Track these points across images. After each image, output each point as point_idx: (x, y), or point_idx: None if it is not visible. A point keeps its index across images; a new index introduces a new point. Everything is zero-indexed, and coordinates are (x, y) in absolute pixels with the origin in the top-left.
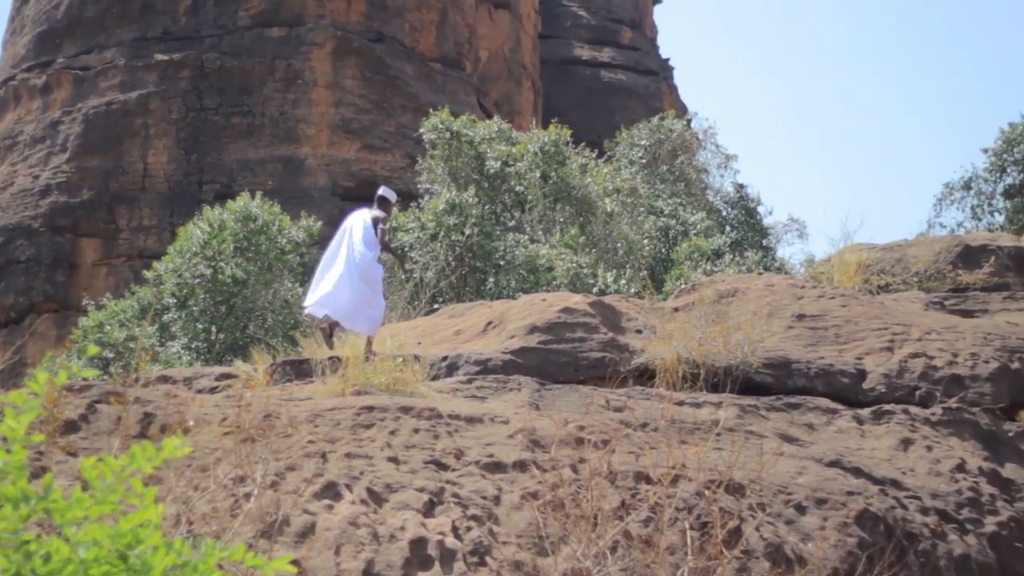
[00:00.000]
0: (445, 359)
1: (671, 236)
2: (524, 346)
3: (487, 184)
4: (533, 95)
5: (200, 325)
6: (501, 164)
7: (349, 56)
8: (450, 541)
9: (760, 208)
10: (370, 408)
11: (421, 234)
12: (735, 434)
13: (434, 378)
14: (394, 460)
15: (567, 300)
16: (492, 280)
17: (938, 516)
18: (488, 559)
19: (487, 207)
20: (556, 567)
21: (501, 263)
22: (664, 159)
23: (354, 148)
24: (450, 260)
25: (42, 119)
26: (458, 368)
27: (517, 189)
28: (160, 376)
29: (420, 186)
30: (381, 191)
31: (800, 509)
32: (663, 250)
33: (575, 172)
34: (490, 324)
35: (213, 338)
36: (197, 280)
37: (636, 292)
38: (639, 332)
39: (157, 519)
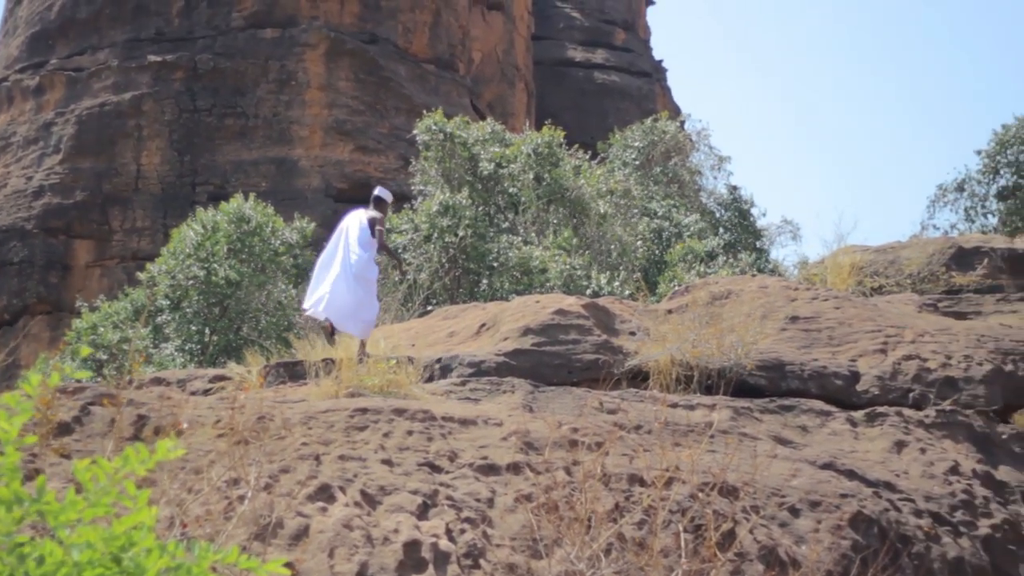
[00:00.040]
0: (439, 361)
1: (664, 238)
2: (518, 348)
3: (480, 186)
4: (526, 96)
5: (194, 327)
6: (494, 166)
7: (342, 57)
8: (444, 544)
9: (754, 210)
10: (364, 410)
11: (414, 236)
12: (729, 436)
13: (428, 380)
14: (388, 462)
15: (561, 302)
16: (486, 282)
17: (932, 518)
18: (482, 562)
19: (480, 209)
20: (550, 570)
21: (495, 265)
22: (657, 161)
23: (347, 149)
24: (443, 262)
25: (35, 120)
26: (452, 370)
27: (510, 191)
28: (154, 378)
29: (413, 188)
30: (377, 191)
31: (794, 511)
32: (657, 252)
33: (568, 174)
34: (484, 326)
35: (207, 340)
36: (191, 282)
37: (630, 294)
38: (633, 334)
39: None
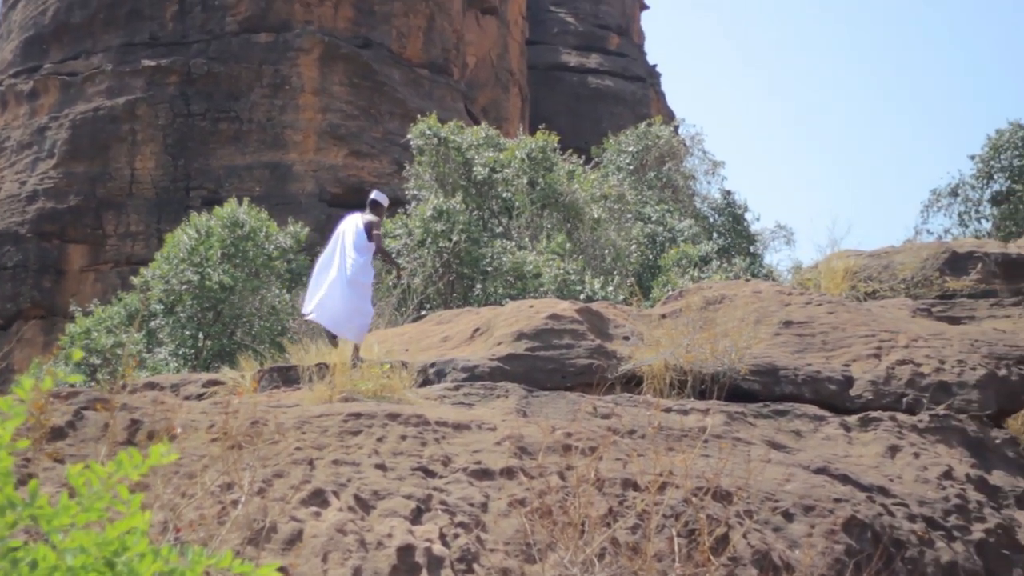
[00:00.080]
0: (432, 366)
1: (658, 242)
2: (511, 353)
3: (474, 190)
4: (520, 101)
5: (187, 331)
6: (488, 170)
7: (336, 62)
8: (437, 548)
9: (747, 214)
10: (357, 415)
11: (408, 240)
12: (722, 441)
13: (421, 385)
14: (381, 467)
15: (554, 307)
16: (479, 286)
17: (925, 523)
18: (476, 566)
19: (474, 213)
20: (544, 574)
21: (488, 269)
22: (651, 165)
23: (341, 154)
24: (437, 266)
25: (29, 125)
26: (445, 375)
27: (504, 195)
28: (147, 383)
29: (407, 192)
30: (373, 195)
31: (787, 516)
32: (650, 257)
33: (562, 178)
34: (477, 331)
35: (200, 344)
36: (184, 286)
37: (623, 299)
38: (626, 339)
39: (144, 526)
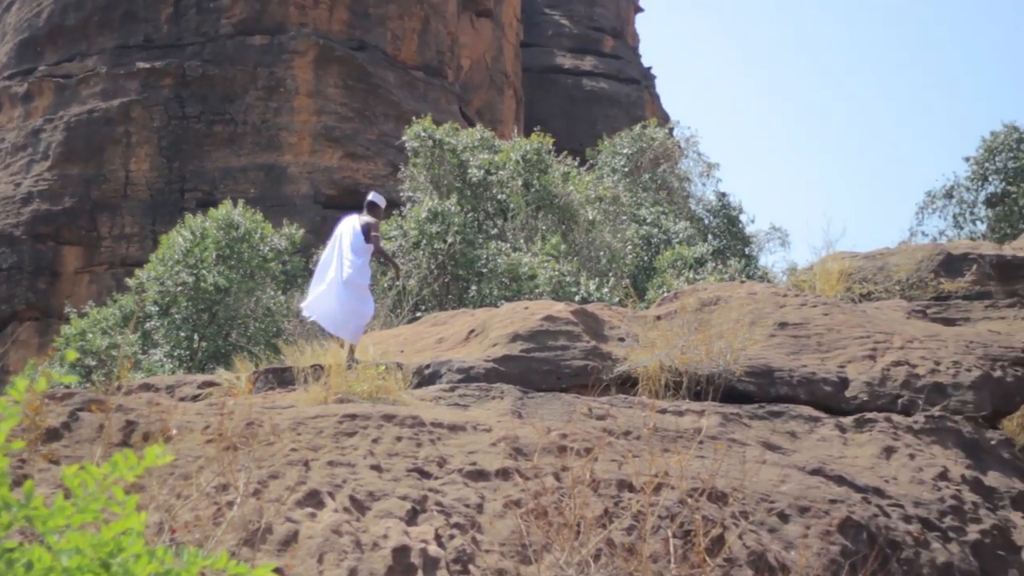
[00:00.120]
0: (428, 367)
1: (653, 244)
2: (507, 354)
3: (469, 192)
4: (515, 103)
5: (182, 333)
6: (483, 172)
7: (331, 64)
8: (433, 549)
9: (742, 216)
10: (353, 416)
11: (403, 242)
12: (717, 442)
13: (417, 386)
14: (377, 468)
15: (549, 308)
16: (474, 288)
17: (921, 524)
18: (471, 567)
19: (469, 215)
20: (539, 575)
21: (483, 271)
22: (646, 167)
23: (336, 156)
24: (432, 268)
25: (24, 127)
26: (441, 376)
27: (499, 197)
28: (142, 384)
29: (402, 194)
30: (371, 196)
31: (783, 517)
32: (645, 258)
33: (557, 180)
34: (472, 332)
35: (195, 346)
36: (179, 288)
37: (618, 300)
38: (622, 340)
39: (139, 527)
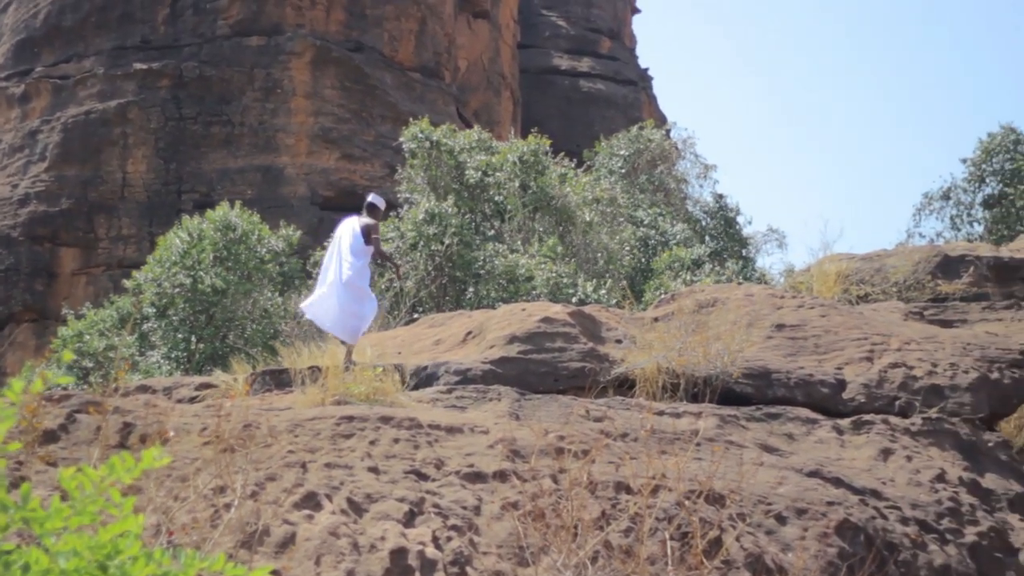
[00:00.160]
0: (425, 369)
1: (651, 246)
2: (504, 356)
3: (467, 194)
4: (512, 105)
5: (180, 335)
6: (480, 174)
7: (328, 65)
8: (430, 551)
9: (739, 218)
10: (350, 418)
11: (400, 244)
12: (715, 444)
13: (414, 388)
14: (374, 470)
15: (547, 310)
16: (472, 290)
17: (918, 526)
18: (468, 569)
19: (466, 217)
20: None
21: (481, 273)
22: (643, 169)
23: (333, 157)
24: (430, 270)
25: (21, 128)
26: (438, 378)
27: (496, 199)
28: (140, 386)
29: (400, 196)
30: (371, 198)
31: (780, 519)
32: (643, 260)
33: (554, 182)
34: (470, 334)
35: (193, 348)
36: (177, 290)
37: (616, 302)
38: (619, 342)
39: (137, 529)
